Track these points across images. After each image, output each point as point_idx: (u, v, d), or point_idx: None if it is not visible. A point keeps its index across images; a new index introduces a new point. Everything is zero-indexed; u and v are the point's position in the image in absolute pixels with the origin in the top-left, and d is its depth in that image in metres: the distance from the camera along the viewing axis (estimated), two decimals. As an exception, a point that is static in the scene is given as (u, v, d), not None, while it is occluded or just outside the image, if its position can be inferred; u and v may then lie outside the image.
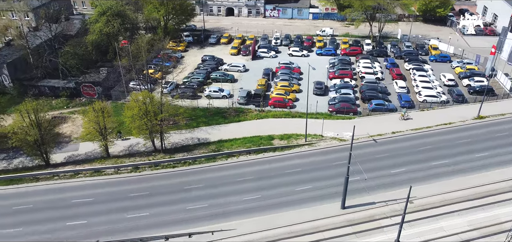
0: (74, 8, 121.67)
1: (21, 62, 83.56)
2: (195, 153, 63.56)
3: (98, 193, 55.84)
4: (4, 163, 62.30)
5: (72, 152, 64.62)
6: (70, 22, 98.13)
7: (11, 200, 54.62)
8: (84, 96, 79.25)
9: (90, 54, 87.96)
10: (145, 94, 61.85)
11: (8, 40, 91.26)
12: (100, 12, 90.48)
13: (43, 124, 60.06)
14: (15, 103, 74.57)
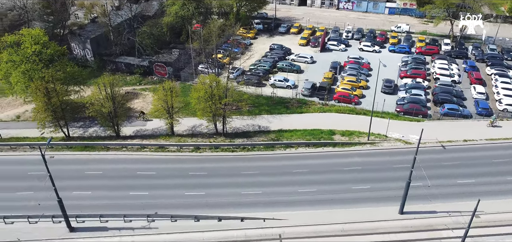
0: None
1: (103, 38, 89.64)
2: (254, 140, 64.31)
3: (160, 168, 58.71)
4: (81, 131, 67.66)
5: (140, 127, 68.47)
6: (149, 3, 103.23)
7: (84, 165, 59.26)
8: (156, 75, 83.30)
9: (164, 35, 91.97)
10: (212, 78, 63.49)
11: (93, 18, 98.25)
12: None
13: (117, 97, 63.88)
14: (95, 76, 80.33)
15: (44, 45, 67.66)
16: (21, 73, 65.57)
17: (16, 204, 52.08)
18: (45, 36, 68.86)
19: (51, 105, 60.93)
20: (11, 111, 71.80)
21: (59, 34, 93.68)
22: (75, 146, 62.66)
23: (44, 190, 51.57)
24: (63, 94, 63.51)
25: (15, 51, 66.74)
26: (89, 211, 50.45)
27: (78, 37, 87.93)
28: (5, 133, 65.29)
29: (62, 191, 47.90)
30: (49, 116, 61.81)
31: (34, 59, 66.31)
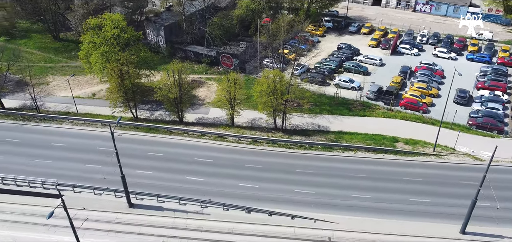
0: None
1: (176, 27, 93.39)
2: (313, 139, 63.61)
3: (217, 157, 60.17)
4: (147, 113, 71.26)
5: (202, 115, 70.58)
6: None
7: (147, 146, 62.41)
8: (222, 66, 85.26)
9: (233, 28, 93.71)
10: (276, 73, 63.67)
11: (169, 6, 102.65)
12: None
13: (183, 84, 66.28)
14: (165, 62, 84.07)
15: (122, 30, 71.99)
16: (99, 55, 70.44)
17: (84, 175, 56.26)
18: (124, 21, 73.22)
19: (123, 87, 64.79)
20: (88, 89, 77.51)
21: (136, 20, 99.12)
22: (141, 127, 66.14)
23: (110, 165, 55.25)
24: (135, 77, 67.21)
25: (97, 33, 71.77)
26: (148, 190, 53.11)
27: (153, 24, 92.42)
28: (81, 109, 70.62)
29: (126, 168, 50.90)
30: (121, 97, 65.83)
31: (112, 42, 70.83)
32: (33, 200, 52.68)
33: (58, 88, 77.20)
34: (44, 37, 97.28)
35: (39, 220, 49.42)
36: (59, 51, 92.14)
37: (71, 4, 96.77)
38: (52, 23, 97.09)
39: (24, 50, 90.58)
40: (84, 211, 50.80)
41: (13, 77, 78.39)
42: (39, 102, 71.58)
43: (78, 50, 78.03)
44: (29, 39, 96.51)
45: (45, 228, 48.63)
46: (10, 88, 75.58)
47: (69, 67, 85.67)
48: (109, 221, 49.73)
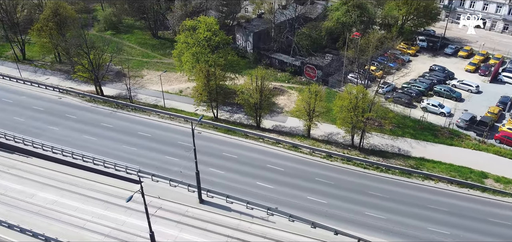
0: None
1: (264, 34, 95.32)
2: (391, 162, 60.60)
3: (289, 166, 60.07)
4: (227, 114, 73.61)
5: (279, 123, 71.03)
6: (313, 6, 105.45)
7: (223, 146, 64.43)
8: (305, 76, 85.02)
9: (321, 39, 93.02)
10: (359, 89, 62.00)
11: (260, 13, 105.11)
12: (343, 1, 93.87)
13: (265, 91, 67.38)
14: (250, 67, 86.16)
15: (214, 33, 75.29)
16: (191, 55, 74.45)
17: (163, 166, 59.79)
18: (216, 25, 76.58)
19: (208, 87, 67.81)
20: (176, 86, 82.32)
21: (228, 24, 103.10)
22: (220, 127, 68.49)
23: (187, 160, 58.30)
24: (220, 79, 69.92)
25: (191, 34, 75.94)
26: (218, 189, 54.77)
27: (243, 30, 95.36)
28: (168, 103, 75.25)
29: (201, 165, 53.01)
30: (205, 96, 68.97)
31: (204, 44, 74.45)
32: (116, 182, 57.34)
33: (151, 82, 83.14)
34: (144, 34, 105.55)
35: (119, 201, 53.55)
36: (155, 48, 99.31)
37: (172, 5, 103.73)
38: (152, 21, 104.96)
39: (126, 45, 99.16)
40: (158, 200, 53.92)
41: (114, 68, 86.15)
42: (133, 93, 77.73)
43: (172, 49, 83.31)
44: (131, 34, 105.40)
45: (123, 210, 52.53)
46: (110, 78, 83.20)
47: (163, 64, 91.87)
48: (179, 213, 52.17)
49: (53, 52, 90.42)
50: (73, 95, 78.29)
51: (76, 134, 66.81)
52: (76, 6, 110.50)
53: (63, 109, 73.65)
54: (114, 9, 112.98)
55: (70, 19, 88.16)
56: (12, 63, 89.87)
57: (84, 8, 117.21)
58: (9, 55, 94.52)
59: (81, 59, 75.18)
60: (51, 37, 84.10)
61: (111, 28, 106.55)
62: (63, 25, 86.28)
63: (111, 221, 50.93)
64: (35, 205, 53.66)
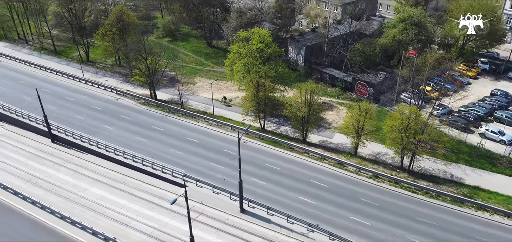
0: (378, 10, 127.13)
1: (317, 48, 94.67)
2: (441, 188, 57.61)
3: (333, 183, 58.92)
4: (274, 126, 73.65)
5: (326, 138, 69.96)
6: (369, 22, 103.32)
7: (268, 157, 64.48)
8: (356, 93, 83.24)
9: (375, 56, 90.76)
10: (412, 110, 59.82)
11: (314, 27, 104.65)
12: (400, 19, 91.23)
13: (313, 105, 66.72)
14: (300, 81, 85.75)
15: (267, 45, 75.91)
16: (242, 65, 75.51)
17: (207, 172, 60.88)
18: (270, 37, 77.22)
19: (257, 98, 68.35)
20: (226, 94, 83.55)
21: (281, 37, 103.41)
22: (266, 139, 68.64)
23: (231, 168, 58.98)
24: (269, 91, 70.20)
25: (244, 45, 77.10)
26: (260, 200, 54.81)
27: (295, 43, 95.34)
28: (217, 111, 76.66)
29: (244, 174, 53.59)
30: (253, 106, 69.60)
31: (256, 55, 75.24)
32: (162, 184, 59.20)
33: (202, 90, 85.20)
34: (199, 43, 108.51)
35: (163, 203, 55.29)
36: (209, 57, 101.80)
37: (227, 16, 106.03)
38: (208, 31, 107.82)
39: (181, 52, 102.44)
40: (201, 205, 54.93)
41: (168, 74, 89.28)
42: (184, 99, 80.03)
43: (225, 58, 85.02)
44: (187, 42, 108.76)
45: (166, 212, 54.06)
46: (164, 83, 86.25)
47: (214, 72, 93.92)
48: (220, 220, 52.80)
49: (114, 55, 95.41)
50: (129, 97, 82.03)
51: (129, 135, 69.85)
52: (138, 13, 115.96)
53: (119, 110, 77.37)
54: (173, 18, 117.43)
55: (132, 25, 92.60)
56: (77, 64, 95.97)
57: (146, 15, 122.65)
58: (74, 57, 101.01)
59: (139, 63, 78.69)
60: (113, 42, 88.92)
61: (169, 35, 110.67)
62: (125, 30, 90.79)
63: (154, 221, 52.60)
64: (86, 199, 56.69)
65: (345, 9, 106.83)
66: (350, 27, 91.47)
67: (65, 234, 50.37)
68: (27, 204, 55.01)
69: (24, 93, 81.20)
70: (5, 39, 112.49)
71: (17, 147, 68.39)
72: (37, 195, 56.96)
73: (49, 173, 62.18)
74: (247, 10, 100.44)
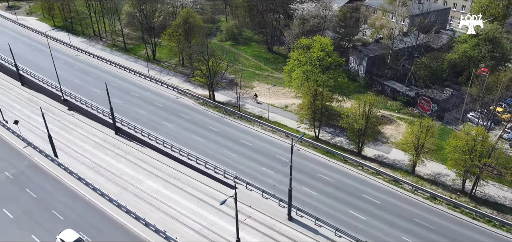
0: (448, 23, 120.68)
1: (379, 59, 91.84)
2: (507, 218, 53.31)
3: (386, 201, 56.68)
4: (328, 136, 72.32)
5: (382, 153, 67.46)
6: (438, 36, 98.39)
7: (320, 167, 63.47)
8: (418, 109, 79.49)
9: (442, 71, 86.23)
10: (479, 131, 56.22)
11: (378, 38, 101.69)
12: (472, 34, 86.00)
13: (371, 118, 64.79)
14: (359, 92, 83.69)
15: (328, 54, 75.04)
16: (301, 72, 75.21)
17: (258, 176, 61.17)
18: (331, 46, 76.24)
19: (314, 106, 67.66)
20: (282, 101, 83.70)
21: (343, 46, 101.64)
22: (319, 148, 67.61)
23: (281, 174, 58.89)
24: (326, 100, 69.26)
25: (304, 53, 76.79)
26: (309, 209, 54.11)
27: (357, 53, 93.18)
28: (272, 116, 76.81)
29: (295, 182, 53.33)
30: (309, 115, 68.97)
31: (316, 63, 74.62)
32: (213, 184, 60.42)
33: (259, 94, 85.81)
34: (260, 47, 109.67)
35: (213, 202, 56.40)
36: (268, 62, 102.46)
37: (290, 23, 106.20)
38: (270, 36, 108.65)
39: (242, 56, 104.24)
40: (249, 208, 55.29)
41: (228, 77, 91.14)
42: (241, 102, 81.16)
43: (284, 64, 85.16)
44: (248, 47, 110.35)
45: (215, 211, 55.04)
46: (223, 85, 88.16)
47: (273, 78, 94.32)
48: (267, 226, 52.78)
49: (178, 56, 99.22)
50: (188, 97, 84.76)
51: (186, 133, 72.14)
52: (204, 16, 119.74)
53: (178, 109, 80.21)
54: (236, 22, 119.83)
55: (197, 27, 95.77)
56: (144, 62, 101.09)
57: (211, 18, 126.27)
58: (142, 55, 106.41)
59: (201, 65, 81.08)
60: (178, 42, 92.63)
61: (231, 39, 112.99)
62: (191, 32, 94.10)
63: (203, 219, 53.78)
64: (141, 190, 59.35)
65: (413, 21, 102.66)
66: (417, 39, 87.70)
67: (120, 222, 52.92)
68: (89, 190, 58.53)
69: (95, 86, 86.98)
70: (82, 35, 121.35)
71: (84, 136, 73.34)
72: (99, 182, 60.53)
73: (111, 162, 65.93)
74: (310, 18, 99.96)
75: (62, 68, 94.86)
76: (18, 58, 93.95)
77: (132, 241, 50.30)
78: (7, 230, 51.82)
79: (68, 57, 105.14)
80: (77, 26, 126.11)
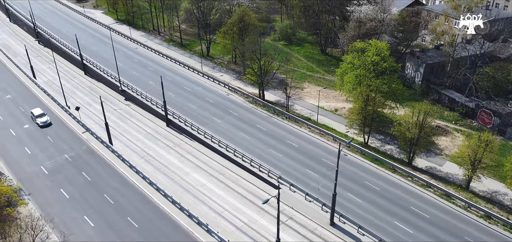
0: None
1: (438, 67, 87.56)
2: None
3: (436, 216, 53.93)
4: (378, 143, 70.03)
5: (435, 165, 64.28)
6: (505, 45, 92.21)
7: (367, 174, 61.65)
8: (478, 121, 74.86)
9: (508, 83, 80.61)
10: (545, 150, 52.12)
11: (438, 45, 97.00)
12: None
13: (425, 127, 61.92)
14: (414, 100, 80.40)
15: (383, 58, 72.65)
16: (354, 76, 73.55)
17: (302, 178, 60.58)
18: (387, 50, 73.70)
19: (364, 111, 65.86)
20: (333, 104, 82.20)
21: (400, 51, 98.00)
22: (368, 155, 65.70)
23: (326, 178, 58.10)
24: (378, 106, 67.17)
25: (358, 56, 74.96)
26: (352, 216, 52.76)
27: (415, 59, 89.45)
28: (321, 119, 75.75)
29: (340, 187, 52.28)
30: (359, 120, 67.16)
31: (370, 67, 72.56)
32: (257, 182, 60.70)
33: (309, 96, 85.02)
34: (313, 49, 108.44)
35: (256, 200, 56.69)
36: (321, 64, 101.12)
37: (346, 25, 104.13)
38: (324, 38, 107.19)
39: (294, 56, 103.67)
40: (291, 210, 54.94)
41: (279, 76, 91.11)
42: (290, 103, 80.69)
43: (336, 67, 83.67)
44: (301, 47, 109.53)
45: (257, 209, 55.25)
46: (274, 85, 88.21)
47: (324, 80, 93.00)
48: (308, 229, 52.15)
49: (231, 53, 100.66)
50: (238, 94, 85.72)
51: (233, 129, 73.01)
52: (260, 14, 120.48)
53: (228, 105, 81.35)
54: (291, 22, 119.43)
55: (252, 26, 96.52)
56: (198, 58, 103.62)
57: (266, 17, 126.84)
58: (197, 51, 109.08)
59: (253, 63, 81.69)
60: (232, 40, 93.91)
61: (285, 39, 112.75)
62: (245, 31, 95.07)
63: (244, 216, 54.20)
64: (187, 182, 60.91)
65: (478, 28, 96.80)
66: (481, 48, 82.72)
67: (165, 211, 54.58)
68: (139, 178, 60.89)
69: (150, 79, 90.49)
70: (142, 29, 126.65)
71: (138, 126, 76.52)
72: (148, 171, 62.88)
73: (160, 153, 68.25)
74: (367, 21, 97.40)
75: (122, 60, 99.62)
76: (83, 49, 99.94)
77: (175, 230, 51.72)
78: (63, 209, 55.23)
79: (128, 49, 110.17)
80: (138, 20, 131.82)
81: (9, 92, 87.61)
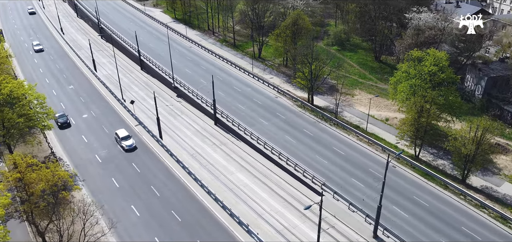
0: None
1: (502, 81, 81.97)
2: None
3: (489, 238, 50.60)
4: (430, 157, 66.75)
5: (491, 185, 60.23)
6: None
7: (415, 188, 59.02)
8: (545, 142, 69.51)
9: None
10: None
11: (503, 57, 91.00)
12: None
13: (483, 144, 58.35)
14: (472, 114, 75.98)
15: (441, 69, 69.04)
16: (408, 86, 70.61)
17: (346, 187, 59.18)
18: (446, 60, 70.03)
19: (417, 123, 63.14)
20: (384, 113, 79.51)
21: (460, 62, 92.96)
22: (418, 169, 62.88)
23: (372, 189, 56.38)
24: (433, 118, 64.15)
25: (414, 65, 71.94)
26: (397, 231, 50.68)
27: (476, 71, 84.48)
28: (370, 128, 73.49)
29: (386, 200, 50.56)
30: (411, 131, 64.46)
31: (426, 78, 69.26)
32: (300, 187, 60.10)
33: (359, 103, 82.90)
34: (367, 55, 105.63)
35: (298, 205, 56.23)
36: (374, 71, 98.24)
37: (403, 32, 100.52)
38: (379, 44, 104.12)
39: (346, 62, 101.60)
40: (333, 218, 53.85)
41: (329, 82, 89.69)
42: (339, 109, 79.16)
43: (390, 75, 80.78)
44: (354, 53, 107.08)
45: (298, 215, 54.70)
46: (324, 90, 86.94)
47: (376, 88, 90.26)
48: (350, 240, 50.88)
49: (283, 56, 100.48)
50: (287, 97, 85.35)
51: (280, 132, 72.82)
52: (314, 18, 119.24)
53: (276, 108, 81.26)
54: (345, 27, 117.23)
55: (305, 30, 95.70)
56: (249, 59, 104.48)
57: (320, 21, 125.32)
58: (249, 52, 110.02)
59: (304, 67, 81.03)
60: (285, 43, 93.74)
61: (338, 44, 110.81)
62: (298, 34, 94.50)
63: (285, 220, 53.90)
64: (231, 182, 61.60)
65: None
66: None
67: (207, 208, 55.55)
68: (185, 173, 62.44)
69: (202, 77, 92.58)
70: (198, 29, 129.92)
71: (187, 122, 78.53)
72: (194, 167, 64.30)
73: (207, 150, 69.55)
74: (426, 29, 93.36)
75: (176, 57, 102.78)
76: (141, 45, 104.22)
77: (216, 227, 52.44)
78: (112, 197, 57.90)
79: (183, 48, 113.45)
80: (194, 20, 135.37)
81: (72, 83, 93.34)
